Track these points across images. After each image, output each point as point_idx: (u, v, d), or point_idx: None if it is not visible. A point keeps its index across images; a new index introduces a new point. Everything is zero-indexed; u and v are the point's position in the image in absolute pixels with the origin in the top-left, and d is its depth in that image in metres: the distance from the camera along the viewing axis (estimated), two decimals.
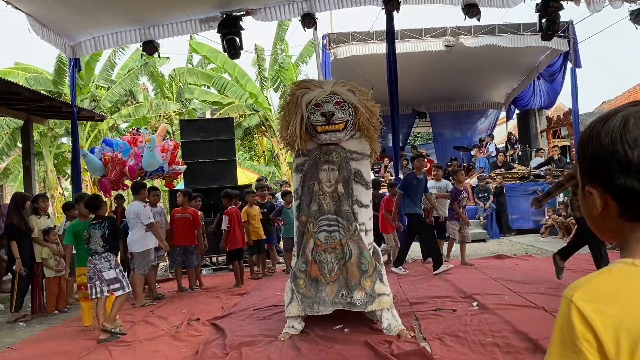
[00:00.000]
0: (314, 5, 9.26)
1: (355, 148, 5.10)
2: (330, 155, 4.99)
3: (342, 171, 4.96)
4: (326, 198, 4.91)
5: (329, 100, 4.88)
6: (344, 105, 4.89)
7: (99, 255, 5.47)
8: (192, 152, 10.51)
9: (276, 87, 13.91)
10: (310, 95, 4.92)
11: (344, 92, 4.95)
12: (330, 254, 4.85)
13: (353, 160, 5.06)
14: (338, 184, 4.91)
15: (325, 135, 4.88)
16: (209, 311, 6.36)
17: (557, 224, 12.17)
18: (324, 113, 4.79)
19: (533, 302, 5.43)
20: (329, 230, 4.88)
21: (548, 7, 9.11)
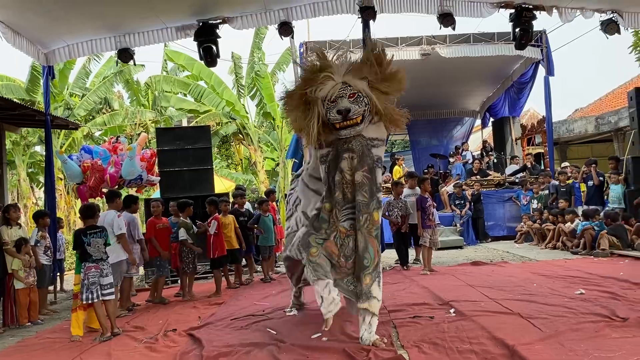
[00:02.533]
0: (290, 14, 9.27)
1: (374, 134, 5.06)
2: (351, 144, 4.92)
3: (364, 159, 4.89)
4: (348, 187, 4.87)
5: (342, 94, 4.80)
6: (358, 96, 4.82)
7: (104, 262, 5.80)
8: (169, 161, 10.42)
9: (253, 95, 13.89)
10: (324, 92, 4.83)
11: (356, 81, 4.84)
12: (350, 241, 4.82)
13: (374, 147, 5.03)
14: (356, 173, 4.84)
15: (344, 130, 4.86)
16: (185, 321, 6.29)
17: (532, 231, 12.32)
18: (339, 110, 4.76)
19: (509, 309, 5.47)
20: (352, 218, 4.85)
21: (521, 16, 9.26)
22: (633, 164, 10.87)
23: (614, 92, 23.62)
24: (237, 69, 14.88)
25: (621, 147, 17.55)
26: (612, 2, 9.32)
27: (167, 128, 13.82)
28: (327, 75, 4.85)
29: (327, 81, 4.84)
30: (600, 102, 24.29)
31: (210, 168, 10.75)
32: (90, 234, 5.76)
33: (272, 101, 14.09)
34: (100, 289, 5.67)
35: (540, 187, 12.96)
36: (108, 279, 5.77)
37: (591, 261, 8.98)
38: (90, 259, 5.69)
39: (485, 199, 13.73)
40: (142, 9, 8.44)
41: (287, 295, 7.51)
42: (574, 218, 10.73)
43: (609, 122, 18.63)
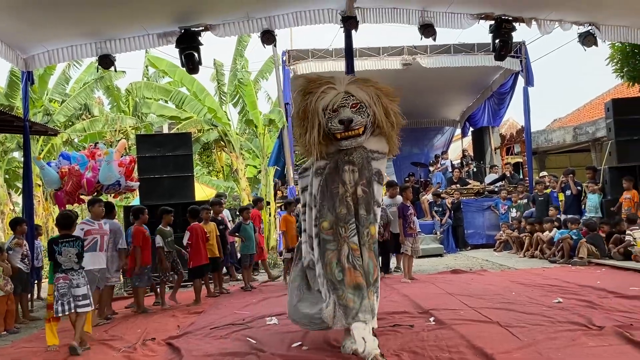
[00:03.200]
0: (273, 22, 9.28)
1: (375, 147, 4.92)
2: (351, 156, 4.78)
3: (363, 172, 4.74)
4: (349, 201, 4.66)
5: (345, 104, 4.70)
6: (361, 106, 4.73)
7: (75, 272, 5.53)
8: (149, 168, 10.36)
9: (235, 102, 13.85)
10: (326, 101, 4.73)
11: (359, 92, 4.76)
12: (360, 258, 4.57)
13: (374, 160, 4.88)
14: (358, 186, 4.68)
15: (345, 141, 4.72)
16: (164, 330, 6.23)
17: (511, 239, 12.44)
18: (341, 120, 4.63)
19: (488, 317, 5.52)
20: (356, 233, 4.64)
21: (501, 28, 9.38)
22: (610, 174, 11.05)
23: (592, 103, 24.01)
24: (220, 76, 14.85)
25: (598, 157, 17.83)
26: (589, 15, 9.48)
27: (148, 135, 13.73)
28: (329, 87, 4.78)
29: (329, 91, 4.76)
30: (578, 113, 24.68)
31: (190, 175, 10.71)
32: (62, 242, 5.55)
33: (254, 109, 14.07)
34: (74, 301, 5.45)
35: (518, 196, 13.11)
36: (81, 290, 5.51)
37: (569, 270, 9.09)
38: (60, 268, 5.48)
39: (465, 208, 13.86)
40: (124, 15, 8.39)
41: (267, 304, 7.52)
42: (552, 227, 10.86)
43: (587, 132, 18.93)
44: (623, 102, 11.56)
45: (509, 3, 9.05)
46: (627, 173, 10.51)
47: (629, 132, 10.95)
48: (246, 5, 8.74)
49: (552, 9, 9.13)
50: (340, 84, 4.80)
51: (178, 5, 8.45)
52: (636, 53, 11.75)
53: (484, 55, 13.56)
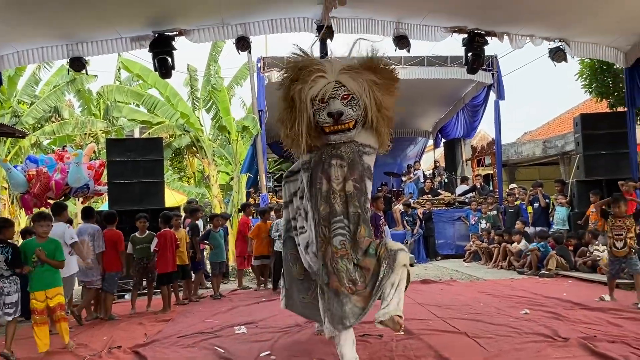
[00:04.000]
0: (248, 29, 9.27)
1: (367, 140, 4.66)
2: (339, 150, 4.50)
3: (355, 167, 4.46)
4: (336, 198, 4.37)
5: (335, 95, 4.39)
6: (352, 98, 4.43)
7: (5, 279, 5.38)
8: (118, 173, 10.19)
9: (208, 108, 13.77)
10: (315, 90, 4.40)
11: (350, 82, 4.43)
12: (349, 262, 4.27)
13: (365, 155, 4.62)
14: (346, 182, 4.39)
15: (334, 135, 4.46)
16: (131, 338, 6.12)
17: (480, 250, 12.57)
18: (330, 113, 4.35)
19: (456, 328, 5.56)
20: (343, 232, 4.34)
21: (473, 42, 9.51)
22: (577, 188, 11.25)
23: (561, 117, 24.49)
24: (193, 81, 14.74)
25: (567, 170, 18.15)
26: (560, 32, 9.68)
27: (118, 139, 13.56)
28: (319, 75, 4.45)
29: (319, 80, 4.45)
30: (548, 126, 25.14)
31: (161, 181, 10.58)
32: None
33: (227, 114, 13.99)
34: (4, 307, 5.33)
35: (488, 207, 13.27)
36: (11, 298, 5.36)
37: (536, 281, 9.21)
38: None
39: (436, 218, 13.97)
40: (97, 18, 8.28)
41: (237, 312, 7.45)
42: (520, 239, 11.00)
43: (556, 145, 19.27)
44: (591, 117, 11.80)
45: (481, 17, 9.19)
46: (594, 187, 10.70)
47: (596, 146, 11.17)
48: (221, 11, 8.71)
49: (523, 24, 9.30)
50: (331, 72, 4.49)
51: (152, 9, 8.38)
52: (604, 69, 12.03)
53: (457, 67, 13.71)
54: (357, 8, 8.77)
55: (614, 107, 12.35)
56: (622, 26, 9.21)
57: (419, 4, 8.73)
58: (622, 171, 10.80)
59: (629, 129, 10.77)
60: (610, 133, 11.05)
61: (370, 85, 4.51)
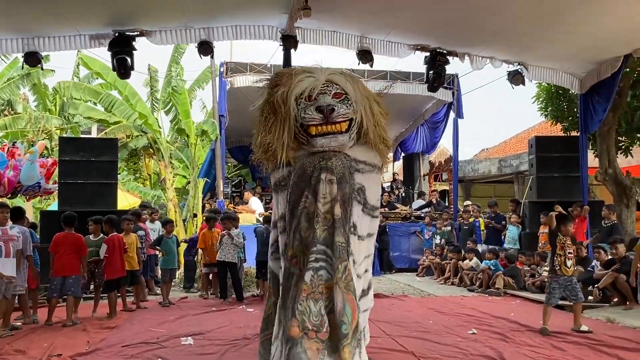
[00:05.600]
0: (211, 34, 9.16)
1: (362, 157, 3.89)
2: (330, 161, 3.66)
3: (342, 185, 3.63)
4: (319, 222, 3.53)
5: (325, 91, 3.73)
6: (345, 98, 3.78)
7: None
8: (71, 172, 9.92)
9: (168, 110, 13.54)
10: (301, 87, 3.74)
11: (344, 82, 3.84)
12: (316, 303, 3.41)
13: (358, 172, 3.82)
14: (335, 203, 3.56)
15: (322, 139, 3.67)
16: (73, 345, 5.92)
17: (433, 265, 12.70)
18: (320, 107, 3.63)
19: (404, 347, 5.57)
20: (317, 267, 3.47)
21: (435, 60, 9.64)
22: (530, 208, 11.49)
23: (518, 137, 25.04)
24: (153, 81, 14.50)
25: (521, 188, 18.53)
26: (518, 55, 9.89)
27: (72, 138, 13.21)
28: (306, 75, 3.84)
29: (306, 79, 3.81)
30: (504, 145, 25.67)
31: (114, 183, 10.35)
32: None
33: (187, 117, 13.78)
34: None
35: (443, 223, 13.43)
36: None
37: (485, 299, 9.34)
38: None
39: (391, 231, 14.06)
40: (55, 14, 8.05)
41: (185, 321, 7.31)
42: (472, 256, 11.16)
43: (511, 165, 19.68)
44: (545, 141, 12.10)
45: (444, 37, 9.32)
46: (545, 208, 10.93)
47: (549, 169, 11.44)
48: (185, 14, 8.59)
49: (484, 46, 9.47)
50: (320, 72, 3.88)
51: (113, 8, 8.21)
52: (560, 94, 12.31)
53: (418, 84, 13.87)
54: (322, 20, 8.78)
55: (567, 131, 12.65)
56: (579, 54, 9.47)
57: (384, 20, 8.79)
58: (573, 194, 11.09)
59: (581, 154, 11.06)
60: (563, 156, 11.35)
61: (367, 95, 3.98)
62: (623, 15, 7.68)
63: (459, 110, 14.35)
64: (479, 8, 7.86)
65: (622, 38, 8.54)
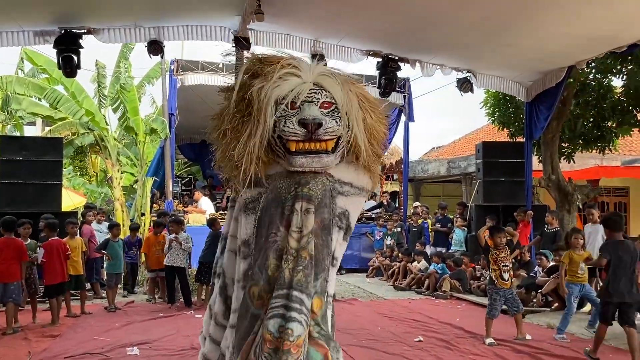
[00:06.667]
0: (162, 33, 9.00)
1: (348, 178, 3.26)
2: (307, 187, 3.03)
3: (321, 211, 3.05)
4: (288, 260, 2.91)
5: (312, 98, 3.07)
6: (335, 109, 3.11)
7: None
8: (12, 172, 9.59)
9: (115, 107, 13.19)
10: (283, 89, 3.06)
11: (335, 88, 3.15)
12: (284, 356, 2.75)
13: (342, 196, 3.19)
14: (313, 239, 2.96)
15: (302, 158, 3.01)
16: (13, 356, 5.76)
17: (382, 266, 12.85)
18: (303, 121, 2.97)
19: (352, 357, 5.62)
20: (287, 316, 2.79)
21: (387, 66, 9.77)
22: (476, 211, 11.77)
23: (466, 137, 25.62)
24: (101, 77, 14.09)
25: (468, 190, 18.95)
26: (467, 64, 10.12)
27: (14, 137, 12.79)
28: (291, 72, 3.15)
29: (290, 78, 3.12)
30: (454, 145, 26.22)
31: (59, 183, 10.05)
32: None
33: (136, 115, 13.46)
34: None
35: (393, 224, 13.61)
36: None
37: (432, 303, 9.52)
38: None
39: None
40: None
41: (131, 329, 7.18)
42: (421, 259, 11.35)
43: (459, 166, 20.10)
44: (492, 145, 12.43)
45: (396, 44, 9.44)
46: (491, 212, 11.23)
47: (495, 173, 11.75)
48: (134, 12, 8.42)
49: (435, 54, 9.63)
50: (308, 71, 3.19)
51: (59, 4, 7.96)
52: (507, 100, 12.64)
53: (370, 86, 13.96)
54: (275, 23, 8.75)
55: (514, 137, 13.02)
56: (525, 64, 9.76)
57: (337, 26, 8.83)
58: (518, 198, 11.43)
59: (526, 159, 11.41)
60: (509, 162, 11.68)
61: (361, 103, 3.28)
62: (564, 32, 7.95)
63: (409, 113, 14.54)
64: (425, 21, 8.03)
65: (565, 51, 8.84)
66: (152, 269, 9.28)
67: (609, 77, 11.42)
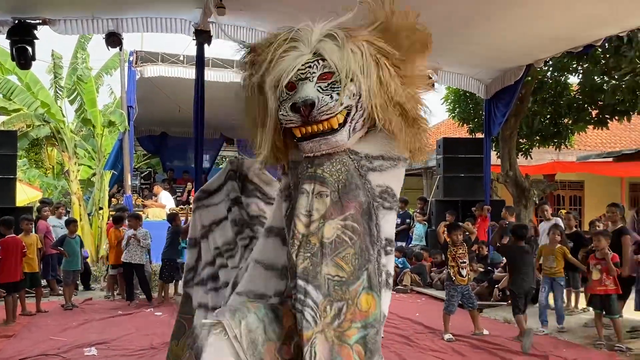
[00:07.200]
0: (120, 25, 8.77)
1: (377, 150, 2.83)
2: (321, 168, 2.67)
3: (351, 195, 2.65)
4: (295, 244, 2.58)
5: (307, 75, 2.67)
6: (336, 81, 2.67)
7: None
8: None
9: (72, 99, 12.85)
10: (277, 71, 2.70)
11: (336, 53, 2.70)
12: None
13: (375, 172, 2.79)
14: (325, 223, 2.58)
15: (308, 143, 2.66)
16: None
17: None
18: (295, 105, 2.60)
19: None
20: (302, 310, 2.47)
21: None
22: (436, 206, 11.95)
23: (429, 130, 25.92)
24: (57, 68, 13.71)
25: (429, 183, 19.20)
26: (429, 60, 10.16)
27: None
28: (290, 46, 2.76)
29: (288, 54, 2.74)
30: None
31: (13, 178, 9.78)
32: None
33: (93, 107, 13.16)
34: None
35: None
36: None
37: (393, 297, 9.55)
38: None
39: None
40: None
41: (89, 328, 7.06)
42: None
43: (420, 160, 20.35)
44: (452, 141, 12.59)
45: None
46: (451, 207, 11.42)
47: (455, 169, 11.93)
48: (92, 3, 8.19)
49: None
50: (307, 41, 2.76)
51: None
52: (467, 97, 12.84)
53: None
54: (238, 17, 8.63)
55: (473, 132, 13.23)
56: (485, 62, 9.88)
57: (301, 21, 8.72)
58: (477, 193, 11.61)
59: (485, 155, 11.59)
60: (468, 157, 11.86)
61: (375, 55, 2.77)
62: (525, 31, 8.07)
63: None
64: None
65: (524, 50, 8.98)
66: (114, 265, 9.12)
67: (565, 75, 11.73)
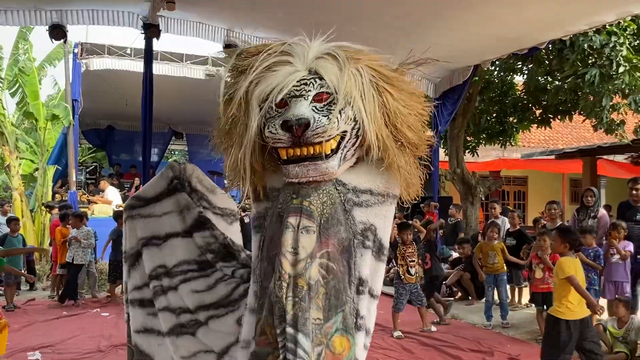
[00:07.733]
0: (64, 17, 8.49)
1: (366, 183, 2.58)
2: (308, 199, 2.41)
3: (332, 231, 2.41)
4: (282, 286, 2.33)
5: (301, 91, 2.42)
6: (334, 100, 2.42)
7: None
8: None
9: (13, 91, 12.38)
10: (267, 85, 2.44)
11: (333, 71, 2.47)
12: None
13: (360, 208, 2.54)
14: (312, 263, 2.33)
15: (295, 167, 2.40)
16: None
17: None
18: (287, 122, 2.33)
19: None
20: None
21: None
22: None
23: None
24: None
25: None
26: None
27: None
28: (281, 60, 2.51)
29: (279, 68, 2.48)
30: None
31: None
32: None
33: (36, 99, 12.71)
34: None
35: None
36: None
37: None
38: None
39: None
40: None
41: (32, 330, 6.84)
42: None
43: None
44: None
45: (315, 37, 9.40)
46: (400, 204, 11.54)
47: None
48: None
49: None
50: (302, 56, 2.55)
51: None
52: None
53: None
54: (188, 11, 8.50)
55: None
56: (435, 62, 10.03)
57: (253, 17, 8.70)
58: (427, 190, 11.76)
59: (433, 153, 11.78)
60: None
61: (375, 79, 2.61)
62: (474, 32, 8.26)
63: None
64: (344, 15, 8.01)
65: (473, 50, 9.18)
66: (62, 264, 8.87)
67: (511, 76, 12.04)
